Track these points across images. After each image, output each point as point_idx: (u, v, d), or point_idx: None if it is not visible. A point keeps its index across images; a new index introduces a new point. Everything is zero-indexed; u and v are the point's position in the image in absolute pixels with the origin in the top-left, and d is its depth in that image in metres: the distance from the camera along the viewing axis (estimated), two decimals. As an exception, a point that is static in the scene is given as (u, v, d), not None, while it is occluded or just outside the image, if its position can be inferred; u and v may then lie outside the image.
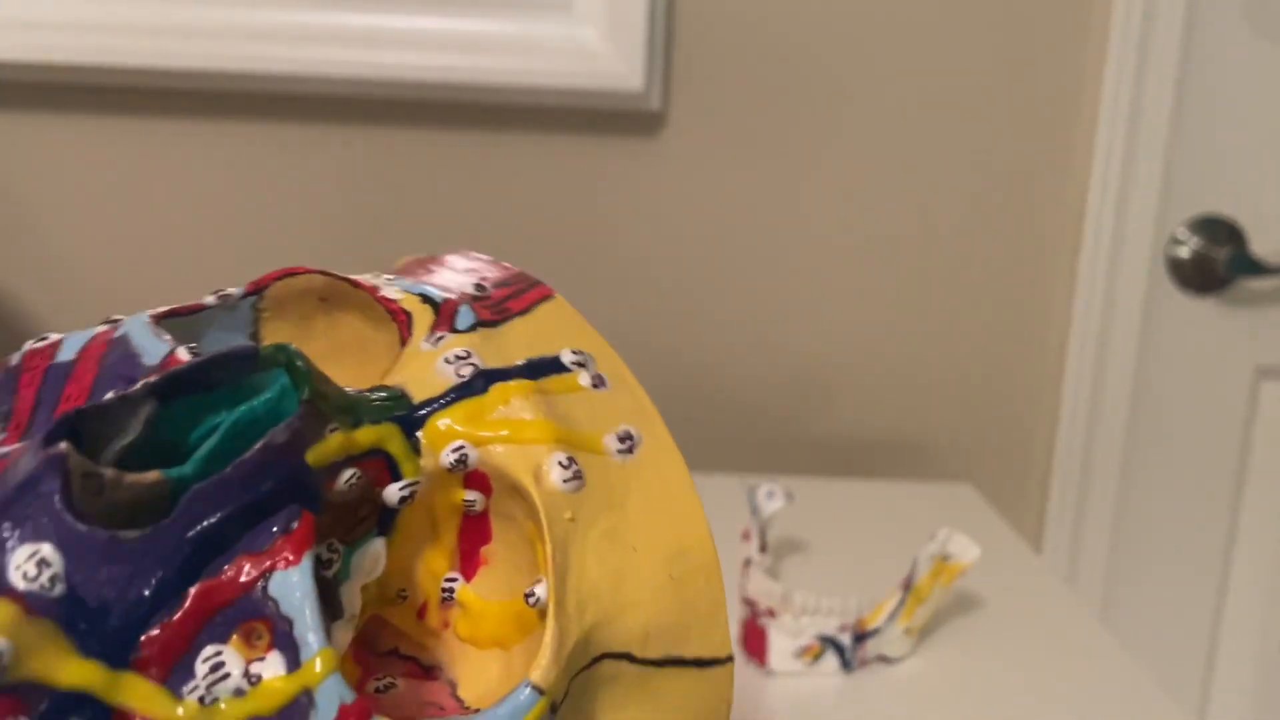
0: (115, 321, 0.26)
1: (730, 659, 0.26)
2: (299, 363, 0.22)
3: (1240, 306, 0.95)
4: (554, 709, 0.22)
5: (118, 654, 0.20)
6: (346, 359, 0.28)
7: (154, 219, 0.92)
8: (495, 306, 0.27)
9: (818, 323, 0.96)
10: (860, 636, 0.60)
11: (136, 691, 0.20)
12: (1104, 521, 0.97)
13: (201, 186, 0.92)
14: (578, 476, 0.24)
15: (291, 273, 0.27)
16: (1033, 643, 0.65)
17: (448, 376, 0.25)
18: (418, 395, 0.24)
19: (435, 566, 0.26)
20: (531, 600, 0.24)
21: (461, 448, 0.24)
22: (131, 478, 0.20)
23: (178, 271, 0.93)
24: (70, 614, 0.19)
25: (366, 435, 0.23)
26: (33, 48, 0.85)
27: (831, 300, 0.96)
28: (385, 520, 0.24)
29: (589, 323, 0.28)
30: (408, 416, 0.24)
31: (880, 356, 0.97)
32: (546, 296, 0.27)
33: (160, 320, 0.25)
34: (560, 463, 0.24)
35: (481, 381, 0.25)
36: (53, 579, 0.19)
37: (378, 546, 0.24)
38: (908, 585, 0.61)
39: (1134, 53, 0.90)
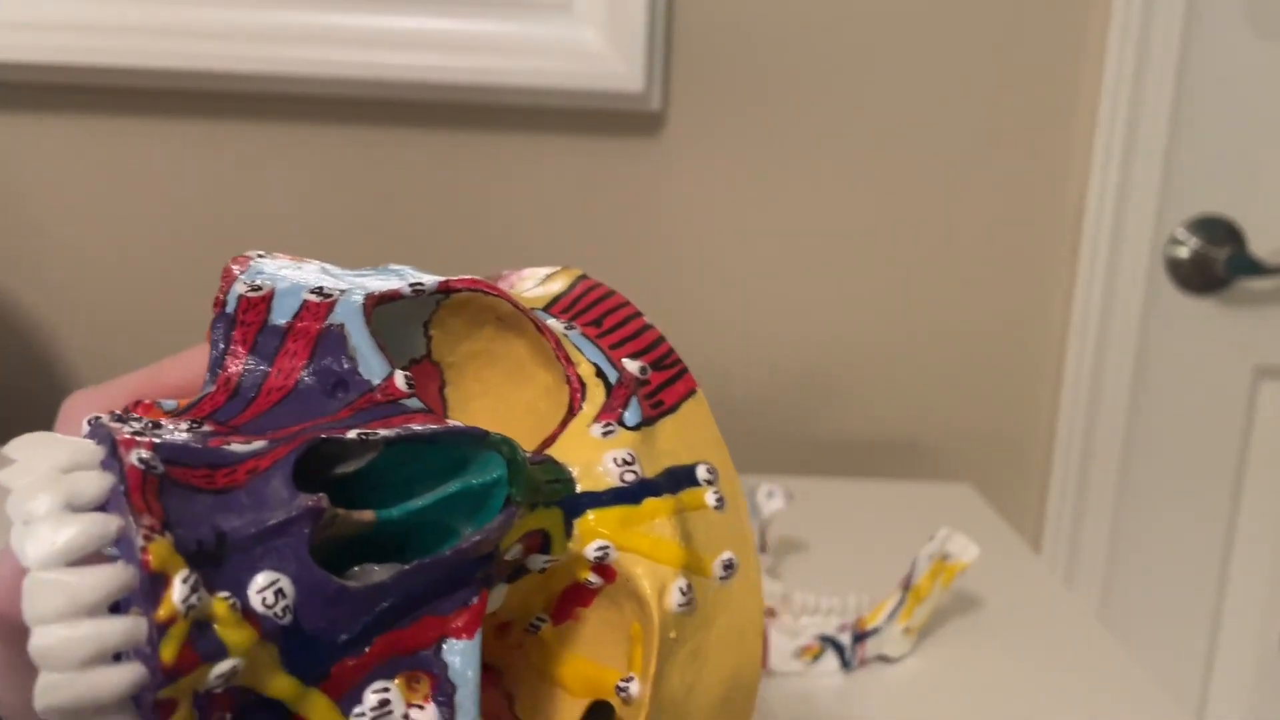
0: (326, 295, 0.28)
1: None
2: (520, 462, 0.25)
3: (1239, 306, 0.95)
4: None
5: (312, 675, 0.23)
6: (501, 370, 0.31)
7: (154, 219, 0.92)
8: (652, 398, 0.30)
9: (817, 323, 0.96)
10: (860, 636, 0.60)
11: (317, 706, 0.23)
12: (1103, 521, 0.98)
13: (202, 186, 0.92)
14: (690, 603, 0.28)
15: (484, 290, 0.29)
16: (1032, 642, 0.65)
17: (612, 477, 0.28)
18: (583, 483, 0.28)
19: (532, 604, 0.29)
20: (622, 694, 0.28)
21: (606, 547, 0.27)
22: (355, 516, 0.23)
23: (177, 271, 0.93)
24: (289, 639, 0.22)
25: (539, 518, 0.26)
26: (33, 48, 0.85)
27: (831, 300, 0.96)
28: (516, 571, 0.27)
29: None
30: (571, 502, 0.27)
31: (880, 356, 0.97)
32: (691, 392, 0.31)
33: (370, 313, 0.28)
34: (681, 589, 0.27)
35: (638, 491, 0.28)
36: (285, 609, 0.22)
37: (503, 591, 0.27)
38: (907, 585, 0.61)
39: (1133, 53, 0.90)
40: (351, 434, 0.24)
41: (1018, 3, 0.91)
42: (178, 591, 0.21)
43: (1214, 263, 0.93)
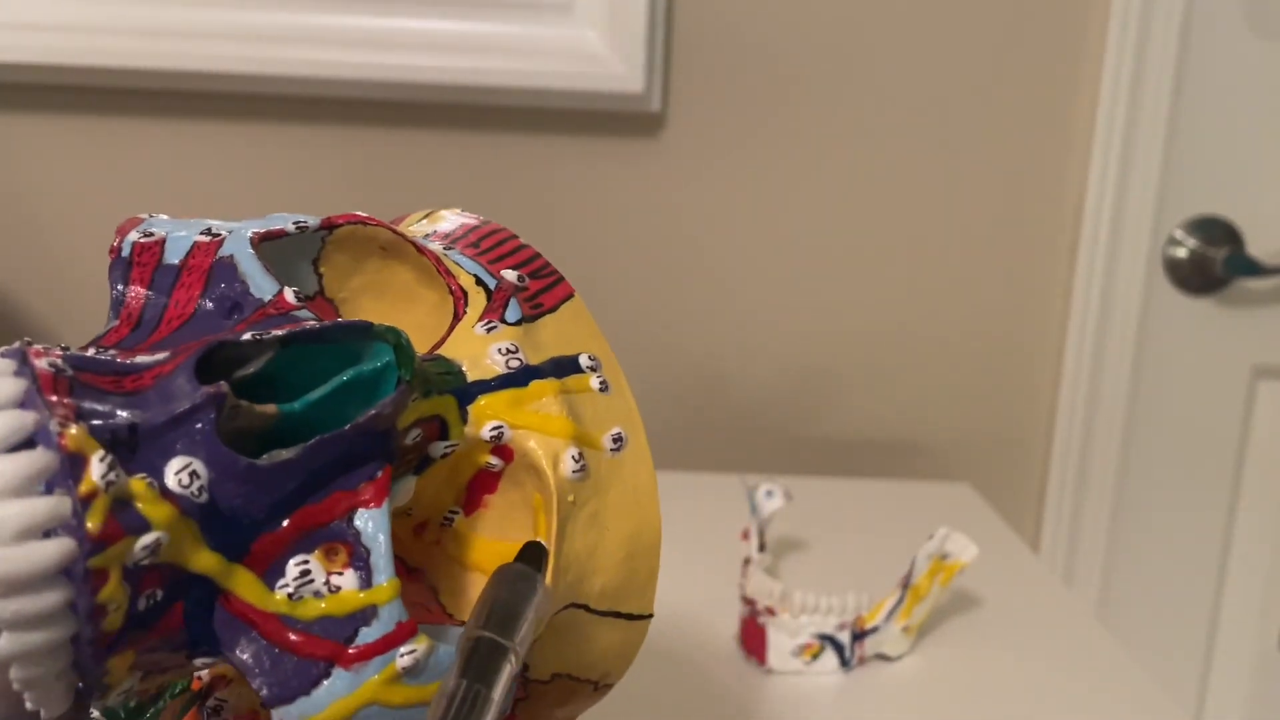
0: (215, 234, 0.30)
1: (650, 616, 0.33)
2: (405, 345, 0.26)
3: (1237, 307, 0.96)
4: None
5: (234, 551, 0.25)
6: (390, 298, 0.33)
7: (155, 219, 0.92)
8: (532, 300, 0.32)
9: (817, 323, 0.96)
10: (859, 635, 0.61)
11: (243, 580, 0.25)
12: (1101, 520, 0.98)
13: (202, 187, 0.92)
14: (583, 469, 0.30)
15: (364, 221, 0.31)
16: (1030, 641, 0.65)
17: (499, 365, 0.30)
18: (472, 374, 0.30)
19: (444, 499, 0.31)
20: None
21: (500, 427, 0.29)
22: (258, 408, 0.25)
23: (179, 271, 0.93)
24: (208, 517, 0.24)
25: (434, 405, 0.28)
26: (33, 48, 0.86)
27: (830, 301, 0.96)
28: (422, 462, 0.29)
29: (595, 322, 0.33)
30: (462, 390, 0.29)
31: (880, 356, 0.97)
32: (569, 295, 0.33)
33: (257, 245, 0.30)
34: (573, 456, 0.30)
35: (523, 376, 0.30)
36: (200, 488, 0.24)
37: (412, 483, 0.29)
38: (906, 584, 0.62)
39: (1132, 53, 0.90)
40: (246, 335, 0.25)
41: (1017, 3, 0.91)
42: (96, 469, 0.23)
43: (1212, 263, 0.93)
